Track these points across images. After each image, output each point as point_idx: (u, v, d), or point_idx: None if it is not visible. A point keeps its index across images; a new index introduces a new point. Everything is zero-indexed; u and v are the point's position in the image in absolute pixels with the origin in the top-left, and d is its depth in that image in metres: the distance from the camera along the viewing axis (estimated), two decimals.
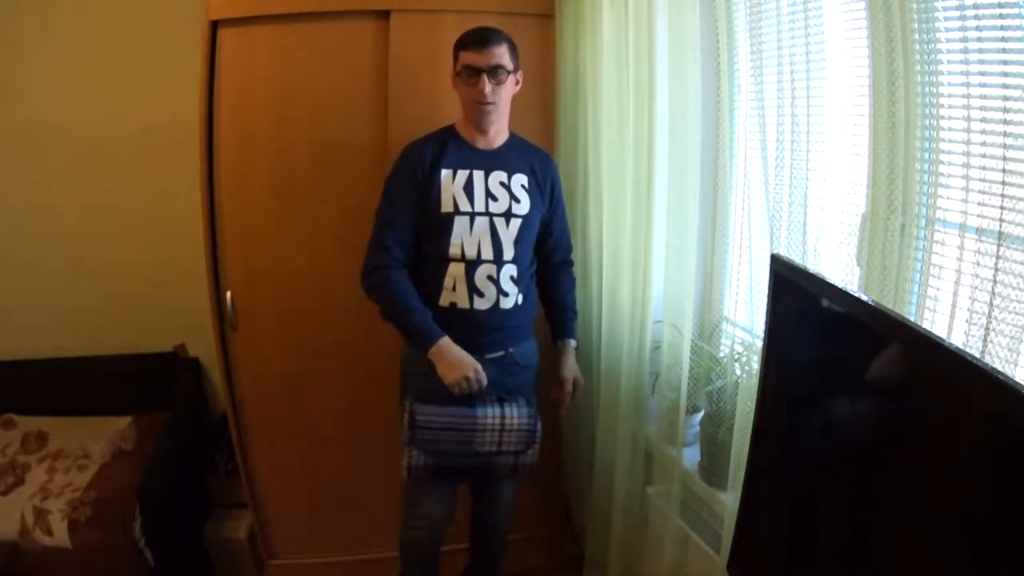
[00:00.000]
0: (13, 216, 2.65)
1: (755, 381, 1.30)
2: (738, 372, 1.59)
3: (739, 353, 1.62)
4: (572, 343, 1.94)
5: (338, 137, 2.05)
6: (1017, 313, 0.94)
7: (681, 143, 1.65)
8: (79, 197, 2.65)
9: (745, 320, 1.71)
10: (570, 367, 1.93)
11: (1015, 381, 0.72)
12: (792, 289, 1.15)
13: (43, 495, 2.22)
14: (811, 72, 1.29)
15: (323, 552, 2.40)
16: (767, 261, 1.22)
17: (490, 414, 1.72)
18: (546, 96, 2.18)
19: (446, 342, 1.71)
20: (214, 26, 1.97)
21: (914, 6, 1.05)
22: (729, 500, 1.52)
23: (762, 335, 1.23)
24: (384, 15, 2.01)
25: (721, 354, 1.76)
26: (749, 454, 1.30)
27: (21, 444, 2.46)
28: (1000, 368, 0.94)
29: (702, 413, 1.75)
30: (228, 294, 2.12)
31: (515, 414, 1.73)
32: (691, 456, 1.77)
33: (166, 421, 2.50)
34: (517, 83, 1.80)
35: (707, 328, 1.87)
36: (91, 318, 2.73)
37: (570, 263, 1.99)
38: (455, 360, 1.71)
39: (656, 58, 1.68)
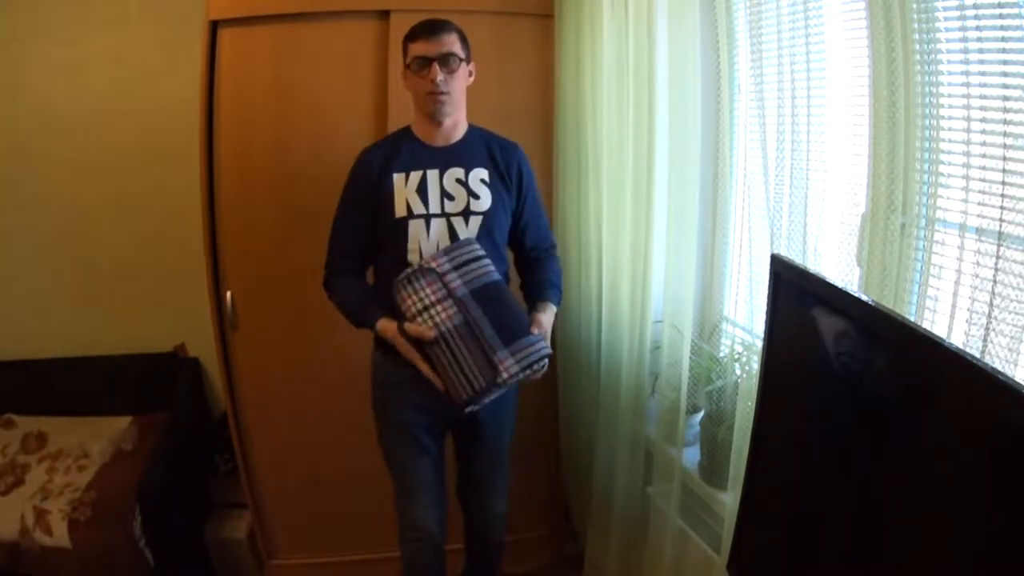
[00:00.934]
0: (13, 217, 2.66)
1: (755, 381, 1.30)
2: (738, 372, 1.59)
3: (739, 353, 1.62)
4: (551, 305, 1.73)
5: (338, 137, 2.05)
6: (1017, 313, 0.94)
7: (681, 143, 1.65)
8: (79, 197, 2.65)
9: (745, 320, 1.71)
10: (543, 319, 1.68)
11: (1015, 381, 0.72)
12: (792, 289, 1.15)
13: (43, 495, 2.22)
14: (811, 72, 1.29)
15: (323, 552, 2.40)
16: (767, 261, 1.22)
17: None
18: (546, 96, 2.19)
19: (380, 326, 1.67)
20: (214, 26, 1.97)
21: (914, 6, 1.05)
22: (729, 500, 1.52)
23: (762, 335, 1.23)
24: (384, 15, 2.01)
25: (721, 354, 1.76)
26: (749, 454, 1.30)
27: (21, 444, 2.47)
28: (1000, 368, 0.94)
29: (702, 413, 1.75)
30: (228, 294, 2.12)
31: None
32: (691, 456, 1.77)
33: (166, 421, 2.50)
34: (470, 75, 1.74)
35: (707, 328, 1.87)
36: (91, 318, 2.73)
37: (552, 254, 1.88)
38: (395, 345, 1.64)
39: (656, 58, 1.68)
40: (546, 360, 1.58)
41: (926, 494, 0.88)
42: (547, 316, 1.69)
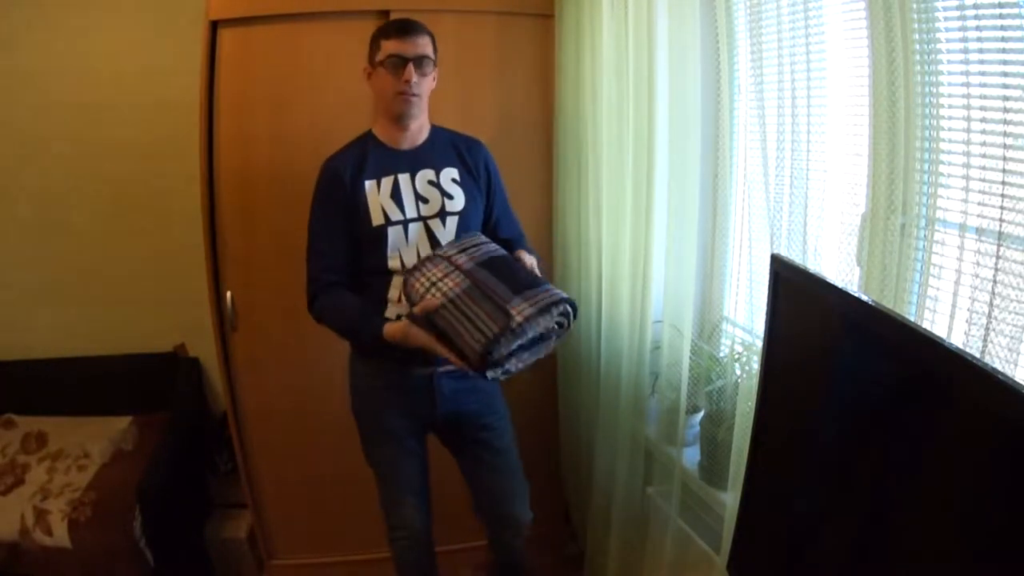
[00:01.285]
0: (13, 216, 2.66)
1: (755, 381, 1.30)
2: (738, 372, 1.59)
3: (739, 353, 1.62)
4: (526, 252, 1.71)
5: (338, 137, 2.05)
6: (1017, 313, 0.94)
7: (681, 143, 1.65)
8: (79, 197, 2.65)
9: (745, 320, 1.71)
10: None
11: (1015, 381, 0.72)
12: (792, 289, 1.15)
13: (43, 495, 2.22)
14: (811, 72, 1.29)
15: (323, 552, 2.40)
16: (767, 261, 1.22)
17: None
18: (546, 96, 2.19)
19: (387, 331, 1.59)
20: (214, 26, 1.97)
21: (914, 6, 1.05)
22: (729, 500, 1.52)
23: (762, 335, 1.23)
24: (384, 15, 2.01)
25: (721, 354, 1.76)
26: (749, 454, 1.30)
27: (21, 444, 2.47)
28: (1000, 368, 0.94)
29: (702, 413, 1.75)
30: (228, 294, 2.13)
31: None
32: (691, 456, 1.77)
33: (166, 421, 2.50)
34: (434, 79, 1.72)
35: (707, 328, 1.87)
36: (91, 318, 2.73)
37: (527, 244, 1.84)
38: (408, 340, 1.57)
39: (656, 58, 1.68)
40: (568, 307, 1.48)
41: (926, 494, 0.88)
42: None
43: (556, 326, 1.49)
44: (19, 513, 2.14)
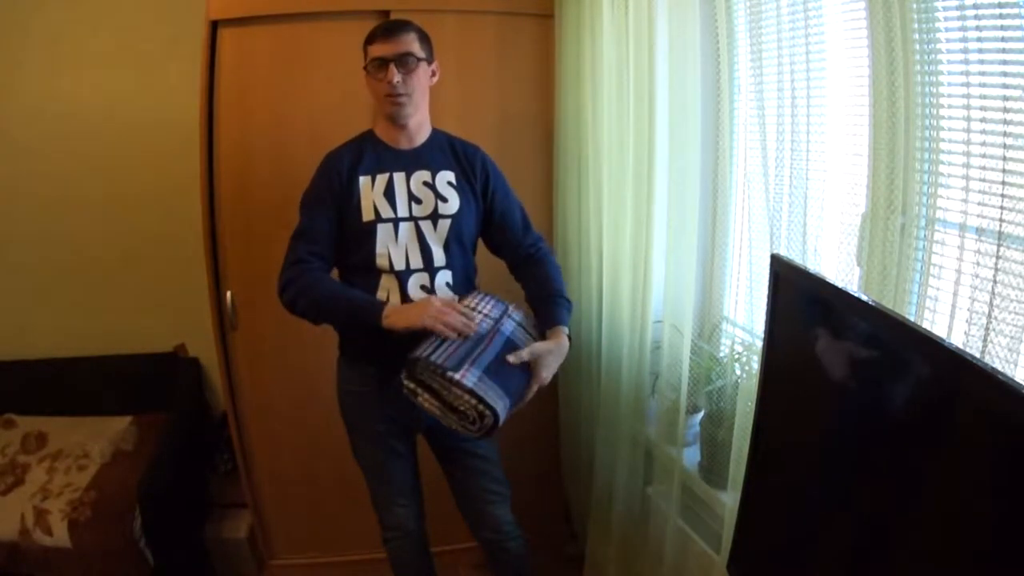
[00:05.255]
0: (13, 216, 2.66)
1: (755, 381, 1.30)
2: (738, 372, 1.59)
3: (739, 353, 1.62)
4: (563, 329, 1.67)
5: (338, 137, 2.05)
6: (1017, 313, 0.94)
7: (681, 143, 1.65)
8: (79, 197, 2.65)
9: (745, 320, 1.71)
10: (548, 356, 1.64)
11: (1015, 381, 0.72)
12: (792, 289, 1.15)
13: (43, 495, 2.22)
14: (811, 72, 1.29)
15: (323, 552, 2.40)
16: (767, 261, 1.22)
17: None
18: (546, 96, 2.19)
19: (392, 305, 1.61)
20: (214, 26, 1.97)
21: (914, 6, 1.05)
22: (729, 500, 1.52)
23: (762, 335, 1.23)
24: (384, 15, 2.01)
25: (721, 354, 1.76)
26: (749, 454, 1.30)
27: (21, 444, 2.47)
28: (1000, 368, 0.94)
29: (702, 413, 1.75)
30: (228, 294, 2.13)
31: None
32: (691, 456, 1.77)
33: (166, 421, 2.50)
34: (434, 75, 1.70)
35: (707, 328, 1.87)
36: (91, 318, 2.73)
37: (542, 250, 1.82)
38: (412, 310, 1.57)
39: (656, 58, 1.68)
40: (489, 418, 1.50)
41: (925, 494, 0.88)
42: (554, 355, 1.64)
43: (469, 416, 1.52)
44: (19, 513, 2.15)
